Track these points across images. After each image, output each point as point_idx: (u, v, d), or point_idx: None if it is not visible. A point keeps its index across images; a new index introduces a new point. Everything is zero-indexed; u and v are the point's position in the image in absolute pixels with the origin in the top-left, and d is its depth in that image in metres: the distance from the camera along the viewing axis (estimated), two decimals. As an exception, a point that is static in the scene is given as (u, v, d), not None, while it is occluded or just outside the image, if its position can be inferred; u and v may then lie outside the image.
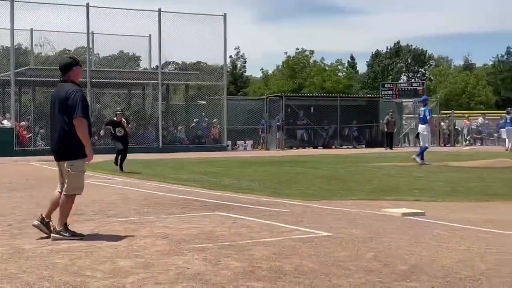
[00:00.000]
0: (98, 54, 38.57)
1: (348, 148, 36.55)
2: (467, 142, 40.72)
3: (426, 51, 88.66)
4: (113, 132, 17.91)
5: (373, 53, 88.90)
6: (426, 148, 20.04)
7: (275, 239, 6.86)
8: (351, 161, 22.37)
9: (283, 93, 40.19)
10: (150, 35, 34.14)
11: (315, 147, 36.35)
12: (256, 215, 8.84)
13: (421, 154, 19.63)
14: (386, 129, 35.44)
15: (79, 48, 40.09)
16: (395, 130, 36.21)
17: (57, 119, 7.15)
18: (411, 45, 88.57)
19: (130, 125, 21.00)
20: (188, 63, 43.01)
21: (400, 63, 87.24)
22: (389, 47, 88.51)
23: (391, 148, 34.09)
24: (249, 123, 35.68)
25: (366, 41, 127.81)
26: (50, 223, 7.11)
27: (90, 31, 31.10)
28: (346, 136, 38.70)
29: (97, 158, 9.77)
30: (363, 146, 37.77)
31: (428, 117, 19.95)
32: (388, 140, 35.03)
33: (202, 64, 42.30)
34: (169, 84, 35.14)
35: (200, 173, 16.88)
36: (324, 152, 30.73)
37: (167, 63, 43.57)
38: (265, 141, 35.16)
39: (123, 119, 18.10)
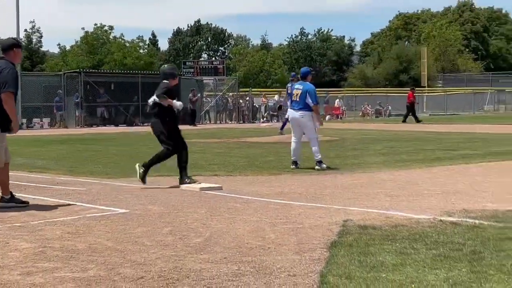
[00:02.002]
0: None
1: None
2: (264, 119, 42.35)
3: (226, 30, 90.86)
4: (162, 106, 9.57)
5: (174, 30, 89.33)
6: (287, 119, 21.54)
7: (69, 218, 6.66)
8: (152, 138, 22.22)
9: (81, 69, 38.93)
10: None
11: (117, 125, 35.76)
12: (51, 194, 8.54)
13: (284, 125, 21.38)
14: (190, 107, 35.95)
15: None
16: (196, 108, 36.80)
17: None
18: (211, 23, 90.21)
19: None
20: (-23, 36, 40.14)
21: (201, 41, 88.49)
22: (189, 25, 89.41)
23: (194, 125, 34.67)
24: (46, 100, 34.16)
25: (167, 18, 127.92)
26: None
27: None
28: (148, 114, 38.46)
29: None
30: (165, 123, 37.80)
31: None
32: (191, 117, 35.53)
33: (-7, 37, 39.65)
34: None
35: (-9, 153, 15.90)
36: (126, 130, 30.36)
37: (-48, 35, 40.31)
38: (63, 119, 33.93)
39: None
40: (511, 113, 53.52)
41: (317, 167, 11.50)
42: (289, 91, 21.61)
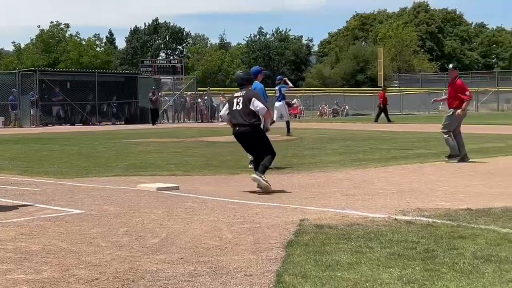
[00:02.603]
0: None
1: (107, 124, 36.05)
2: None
3: (184, 28, 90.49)
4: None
5: (132, 29, 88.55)
6: (288, 121, 21.76)
7: (23, 219, 6.56)
8: (109, 137, 22.10)
9: (37, 68, 38.28)
10: None
11: (73, 124, 35.31)
12: (4, 194, 8.39)
13: (288, 128, 21.22)
14: (151, 107, 35.77)
15: None
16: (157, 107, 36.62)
17: None
18: (169, 22, 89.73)
19: None
20: None
21: (159, 40, 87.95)
22: (147, 24, 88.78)
23: (153, 124, 34.53)
24: (0, 99, 33.55)
25: (124, 17, 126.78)
26: None
27: None
28: (105, 113, 38.13)
29: None
30: (122, 122, 37.53)
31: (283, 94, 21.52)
32: (152, 116, 35.42)
33: None
34: None
35: None
36: (82, 129, 30.01)
37: None
38: (18, 118, 33.34)
39: None
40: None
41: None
42: (277, 94, 21.89)
